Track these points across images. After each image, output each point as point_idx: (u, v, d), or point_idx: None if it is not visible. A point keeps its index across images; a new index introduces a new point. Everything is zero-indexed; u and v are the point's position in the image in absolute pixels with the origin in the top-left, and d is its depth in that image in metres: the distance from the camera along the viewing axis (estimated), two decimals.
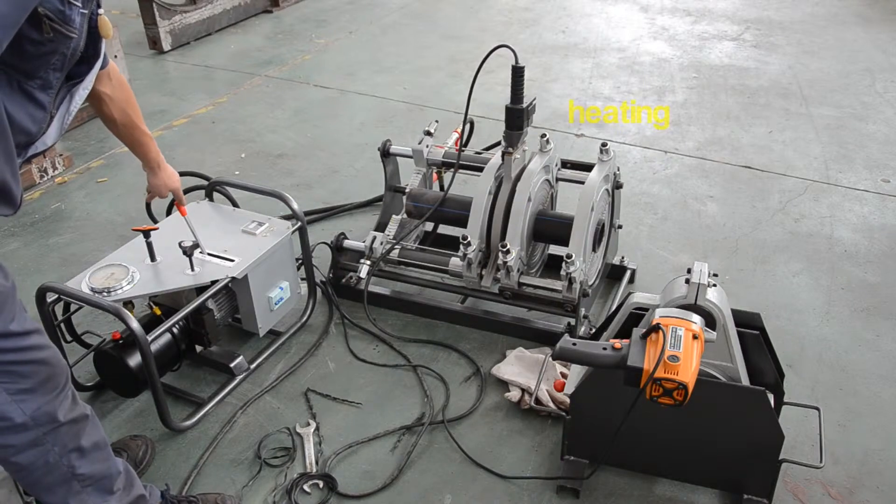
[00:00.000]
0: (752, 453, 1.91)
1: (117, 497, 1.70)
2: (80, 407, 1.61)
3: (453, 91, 4.52)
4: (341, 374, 2.49)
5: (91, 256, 2.97)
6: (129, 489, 1.74)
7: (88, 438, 1.62)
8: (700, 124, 4.14)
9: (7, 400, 1.44)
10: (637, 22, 5.71)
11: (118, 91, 1.93)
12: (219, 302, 2.40)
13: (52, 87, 1.47)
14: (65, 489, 1.61)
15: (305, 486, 2.09)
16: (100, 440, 1.66)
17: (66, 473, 1.59)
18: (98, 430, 1.67)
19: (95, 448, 1.64)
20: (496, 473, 2.13)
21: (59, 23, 1.36)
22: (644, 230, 3.22)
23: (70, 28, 1.39)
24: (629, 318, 1.99)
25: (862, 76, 4.71)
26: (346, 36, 5.53)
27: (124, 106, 1.97)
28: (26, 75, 1.40)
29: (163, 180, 2.24)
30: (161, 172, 2.23)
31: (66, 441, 1.56)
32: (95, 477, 1.64)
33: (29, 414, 1.47)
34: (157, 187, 2.26)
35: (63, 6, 1.36)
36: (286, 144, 3.97)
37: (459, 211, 2.64)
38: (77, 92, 1.58)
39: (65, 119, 1.57)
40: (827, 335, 2.63)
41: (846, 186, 3.53)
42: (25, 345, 1.44)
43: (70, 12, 1.38)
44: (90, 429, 1.63)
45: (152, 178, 2.24)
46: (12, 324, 1.41)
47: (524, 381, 2.33)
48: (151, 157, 2.18)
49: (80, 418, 1.60)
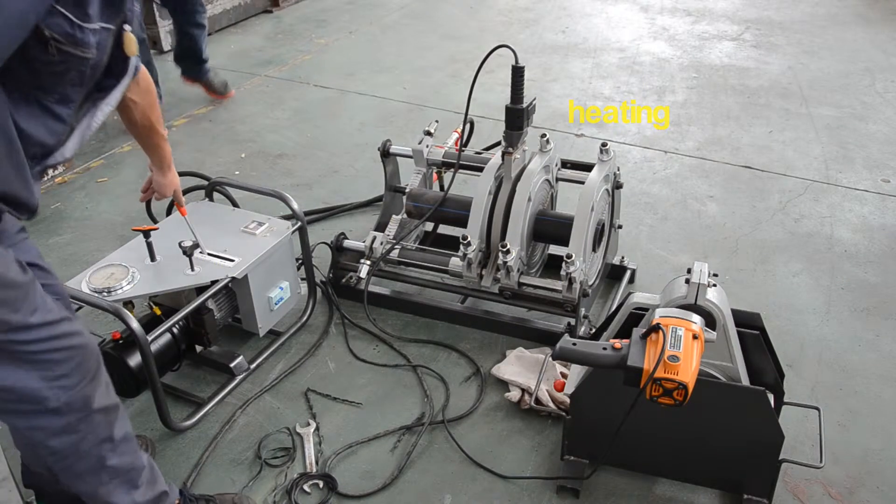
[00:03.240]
0: (752, 453, 1.91)
1: (141, 491, 1.72)
2: (112, 396, 1.64)
3: (453, 91, 4.52)
4: (341, 374, 2.49)
5: (91, 256, 2.97)
6: (152, 484, 1.76)
7: (119, 429, 1.65)
8: (700, 124, 4.14)
9: (43, 385, 1.47)
10: (637, 22, 5.71)
11: (144, 96, 1.93)
12: (219, 302, 2.40)
13: (72, 101, 1.45)
14: (95, 479, 1.64)
15: (305, 486, 2.09)
16: (128, 432, 1.69)
17: (96, 464, 1.62)
18: (126, 422, 1.69)
19: (125, 440, 1.67)
20: (496, 473, 2.13)
21: (70, 45, 1.33)
22: (644, 230, 3.22)
23: (84, 49, 1.36)
24: (629, 318, 1.99)
25: (862, 76, 4.71)
26: (346, 36, 5.53)
27: (147, 111, 1.98)
28: (42, 90, 1.38)
29: (170, 180, 2.28)
30: (169, 173, 2.27)
31: (98, 430, 1.59)
32: (123, 469, 1.67)
33: (63, 399, 1.50)
34: (163, 186, 2.29)
35: (73, 29, 1.31)
36: (286, 144, 3.97)
37: (459, 211, 2.64)
38: (101, 107, 1.55)
39: (85, 132, 1.55)
40: (827, 335, 2.63)
41: (846, 186, 3.53)
42: (51, 334, 1.45)
43: (82, 35, 1.34)
44: (121, 419, 1.66)
45: (160, 177, 2.27)
46: (33, 316, 1.42)
47: (524, 381, 2.34)
48: (164, 159, 2.21)
49: (112, 407, 1.63)
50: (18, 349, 1.43)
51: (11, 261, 1.40)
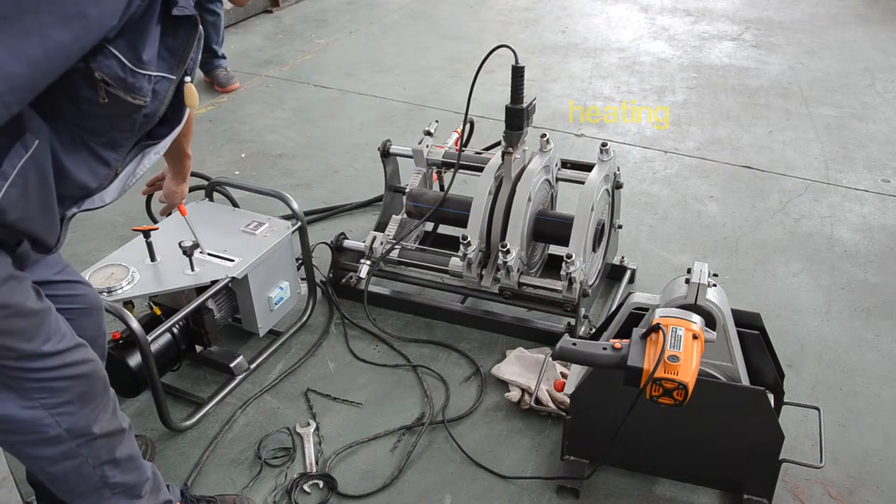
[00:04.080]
0: (752, 453, 1.91)
1: (144, 501, 1.71)
2: (118, 419, 1.61)
3: (453, 91, 4.52)
4: (341, 374, 2.49)
5: (91, 256, 2.97)
6: (155, 493, 1.75)
7: (123, 450, 1.62)
8: (700, 124, 4.14)
9: (43, 415, 1.44)
10: (637, 22, 5.71)
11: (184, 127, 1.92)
12: (219, 302, 2.40)
13: (121, 146, 1.40)
14: (97, 496, 1.62)
15: (305, 486, 2.09)
16: (134, 452, 1.67)
17: (98, 483, 1.60)
18: (132, 442, 1.67)
19: (129, 459, 1.65)
20: (496, 473, 2.13)
21: (121, 90, 1.27)
22: (644, 230, 3.22)
23: (136, 96, 1.30)
24: (629, 318, 1.99)
25: (862, 76, 4.71)
26: (346, 36, 5.53)
27: (182, 138, 1.98)
28: (90, 133, 1.34)
29: (181, 190, 2.28)
30: (182, 185, 2.27)
31: (100, 454, 1.57)
32: (128, 485, 1.66)
33: (64, 427, 1.47)
34: (173, 194, 2.28)
35: (124, 73, 1.25)
36: (286, 144, 3.97)
37: (459, 211, 2.64)
38: (149, 154, 1.51)
39: (129, 178, 1.51)
40: (827, 335, 2.63)
41: (846, 186, 3.53)
42: (60, 363, 1.43)
43: (134, 80, 1.27)
44: (126, 441, 1.63)
45: (173, 185, 2.26)
46: (46, 345, 1.40)
47: (524, 381, 2.33)
48: (183, 173, 2.22)
49: (116, 431, 1.60)
50: (26, 377, 1.40)
51: (28, 288, 1.38)
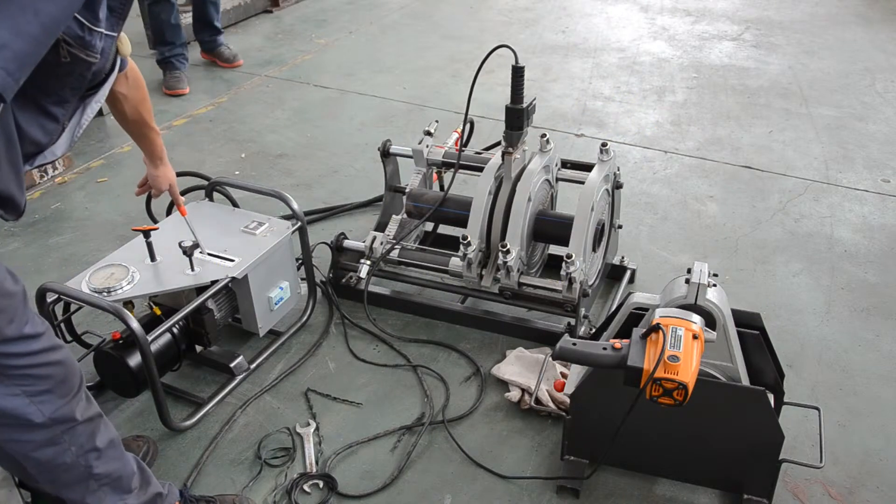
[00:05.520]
0: (752, 453, 1.91)
1: (134, 495, 1.71)
2: (93, 406, 1.63)
3: (453, 91, 4.52)
4: (341, 374, 2.49)
5: (91, 256, 2.97)
6: (145, 487, 1.75)
7: (103, 438, 1.63)
8: (700, 124, 4.14)
9: (26, 402, 1.45)
10: (637, 22, 5.71)
11: (134, 91, 1.95)
12: (219, 302, 2.40)
13: (68, 102, 1.46)
14: (82, 487, 1.63)
15: (305, 486, 2.09)
16: (113, 438, 1.68)
17: (83, 473, 1.61)
18: (110, 428, 1.68)
19: (110, 446, 1.66)
20: (496, 473, 2.13)
21: (78, 48, 1.33)
22: (644, 230, 3.22)
23: (90, 53, 1.36)
24: (629, 318, 1.99)
25: (862, 76, 4.71)
26: (346, 36, 5.53)
27: (138, 105, 2.01)
28: (43, 92, 1.39)
29: (163, 173, 2.32)
30: (162, 166, 2.30)
31: (82, 441, 1.58)
32: (112, 476, 1.66)
33: (48, 415, 1.48)
34: (156, 179, 2.31)
35: (83, 32, 1.32)
36: (286, 144, 3.97)
37: (459, 211, 2.64)
38: (90, 104, 1.56)
39: (76, 131, 1.56)
40: (827, 335, 2.63)
41: (846, 186, 3.53)
42: (40, 347, 1.44)
43: (90, 38, 1.34)
44: (104, 427, 1.65)
45: (153, 170, 2.31)
46: (26, 327, 1.41)
47: (524, 381, 2.34)
48: (156, 152, 2.25)
49: (94, 416, 1.61)
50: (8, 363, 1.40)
51: (3, 268, 1.38)
